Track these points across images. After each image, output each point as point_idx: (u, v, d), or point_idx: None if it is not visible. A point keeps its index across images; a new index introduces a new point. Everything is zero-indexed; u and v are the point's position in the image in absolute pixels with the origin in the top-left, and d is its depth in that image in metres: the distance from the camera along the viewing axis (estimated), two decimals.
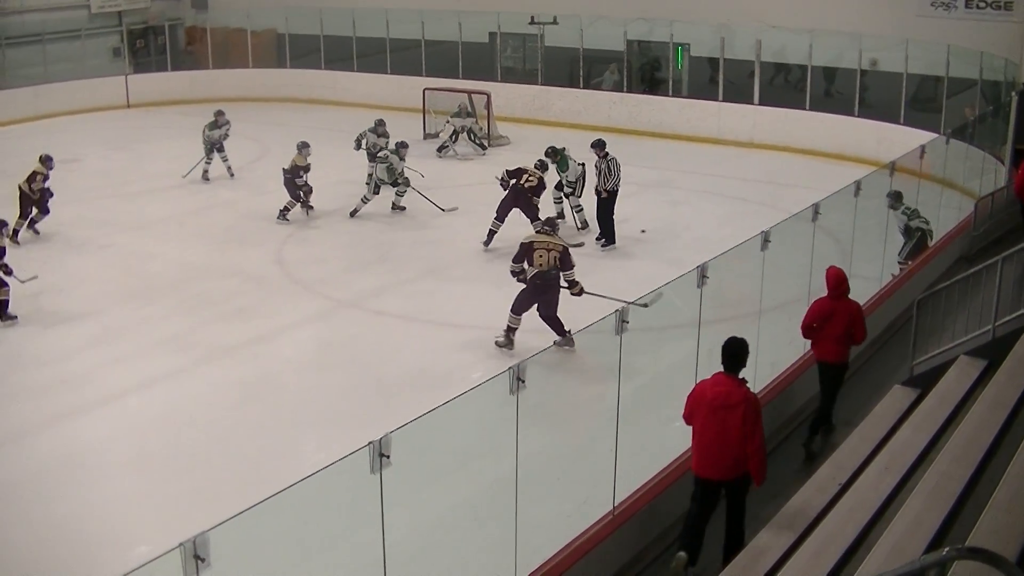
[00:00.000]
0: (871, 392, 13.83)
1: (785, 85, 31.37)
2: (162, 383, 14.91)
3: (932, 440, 11.04)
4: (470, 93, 29.79)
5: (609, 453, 10.41)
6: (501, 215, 20.26)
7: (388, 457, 7.44)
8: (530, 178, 20.34)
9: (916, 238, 18.01)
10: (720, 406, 9.62)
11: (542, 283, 15.41)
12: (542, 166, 20.89)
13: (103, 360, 15.70)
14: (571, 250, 15.85)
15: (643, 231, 21.22)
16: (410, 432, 7.71)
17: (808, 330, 12.62)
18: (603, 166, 20.47)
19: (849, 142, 27.24)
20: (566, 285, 15.49)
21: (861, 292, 15.62)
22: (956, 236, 19.85)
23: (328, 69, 36.40)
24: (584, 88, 32.66)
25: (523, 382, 8.75)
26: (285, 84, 36.50)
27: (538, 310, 15.54)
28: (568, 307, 15.42)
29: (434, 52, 34.83)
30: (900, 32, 27.36)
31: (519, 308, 15.57)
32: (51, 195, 21.45)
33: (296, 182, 22.27)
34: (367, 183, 23.71)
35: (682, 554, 9.80)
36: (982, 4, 27.64)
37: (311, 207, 22.74)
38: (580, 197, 21.63)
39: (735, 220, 20.37)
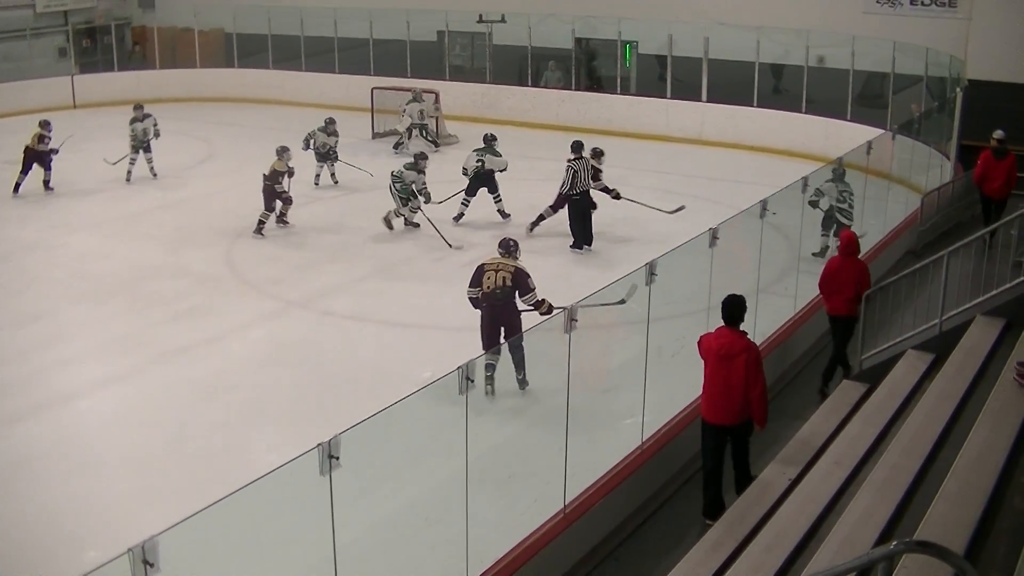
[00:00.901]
0: (818, 386, 13.96)
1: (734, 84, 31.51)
2: (113, 384, 14.80)
3: (881, 433, 11.15)
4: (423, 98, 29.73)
5: (560, 451, 10.43)
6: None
7: (338, 459, 7.42)
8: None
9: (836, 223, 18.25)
10: (724, 356, 10.55)
11: (489, 306, 13.90)
12: (596, 154, 20.93)
13: (54, 361, 15.56)
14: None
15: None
16: (360, 433, 7.69)
17: (822, 287, 14.17)
18: (576, 167, 20.03)
19: (797, 138, 27.39)
20: (530, 308, 13.76)
21: (809, 288, 15.74)
22: (903, 231, 20.01)
23: (276, 69, 36.19)
24: (532, 86, 32.67)
25: (472, 381, 8.76)
26: (233, 84, 36.29)
27: (506, 339, 13.86)
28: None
29: (382, 51, 34.76)
30: (847, 29, 27.51)
31: (486, 343, 13.93)
32: (56, 152, 24.50)
33: (276, 188, 21.14)
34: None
35: (709, 523, 10.59)
36: (927, 1, 27.86)
37: (286, 221, 21.74)
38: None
39: (684, 217, 20.42)
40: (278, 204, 21.40)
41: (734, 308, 10.77)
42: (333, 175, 24.84)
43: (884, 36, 26.95)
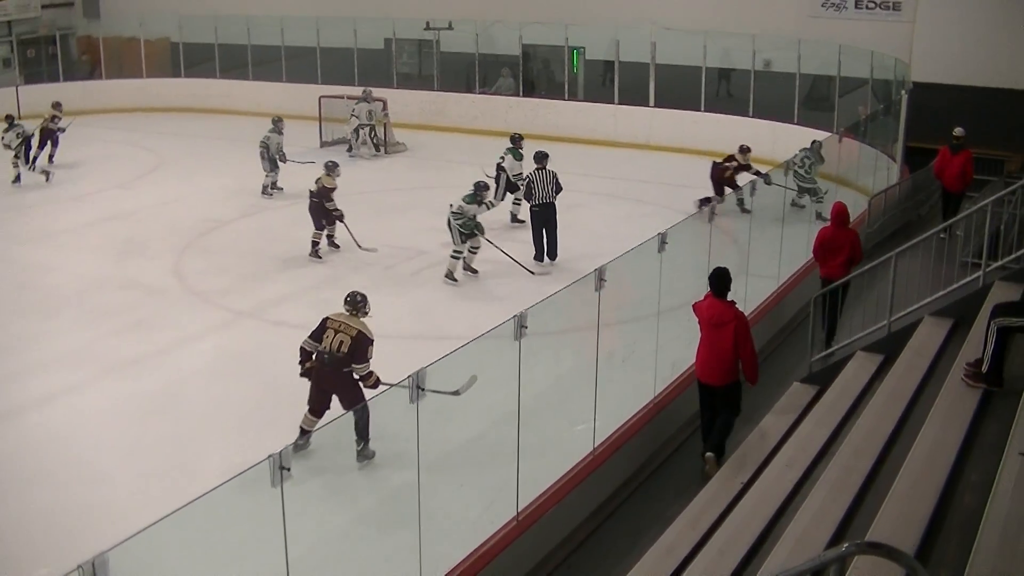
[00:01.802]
0: (772, 389, 14.00)
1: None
2: (62, 398, 14.64)
3: (833, 434, 11.22)
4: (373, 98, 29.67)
5: (512, 458, 10.42)
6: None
7: (289, 470, 7.38)
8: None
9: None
10: (715, 324, 11.68)
11: (320, 366, 12.34)
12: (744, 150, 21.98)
13: (1, 375, 15.41)
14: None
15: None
16: (311, 444, 7.66)
17: (817, 254, 15.53)
18: (538, 177, 19.75)
19: (745, 142, 27.51)
20: (357, 377, 12.09)
21: (758, 291, 15.81)
22: None
23: (223, 78, 36.04)
24: (480, 93, 32.69)
25: (423, 390, 8.74)
26: (180, 93, 36.06)
27: (343, 407, 12.19)
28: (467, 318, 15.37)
29: (329, 59, 34.68)
30: (792, 33, 27.74)
31: (312, 408, 12.44)
32: (63, 131, 26.82)
33: (327, 206, 20.01)
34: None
35: (710, 454, 11.78)
36: (872, 5, 28.14)
37: (336, 244, 20.69)
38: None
39: (632, 222, 20.48)
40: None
41: (721, 279, 11.79)
42: (276, 183, 24.63)
43: (829, 39, 27.17)
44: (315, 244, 20.23)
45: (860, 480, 9.48)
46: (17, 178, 25.62)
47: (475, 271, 19.15)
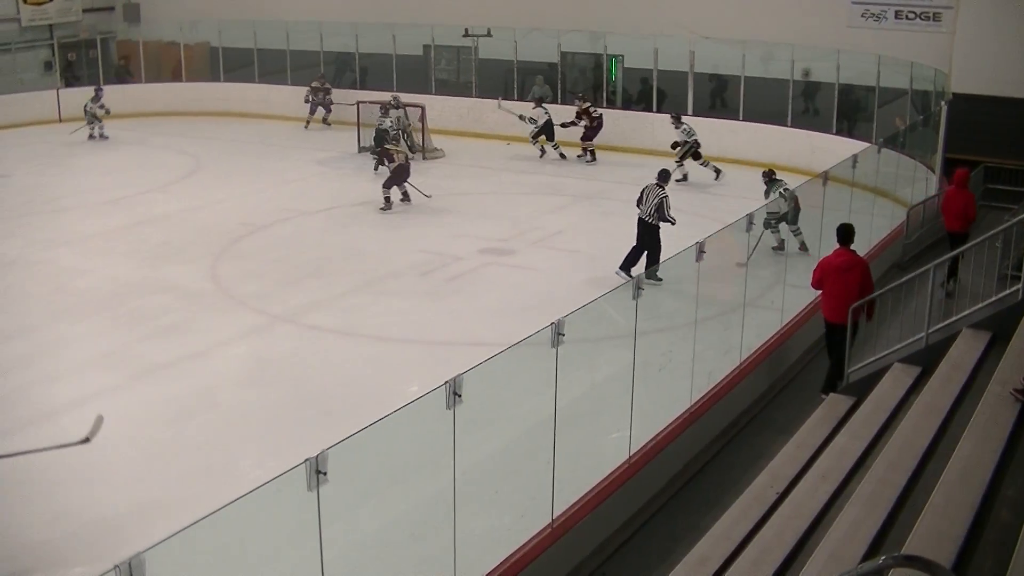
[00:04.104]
0: (807, 400, 13.95)
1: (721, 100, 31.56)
2: (96, 401, 14.64)
3: (868, 447, 11.14)
4: (403, 104, 29.75)
5: (547, 466, 10.41)
6: None
7: (325, 474, 7.39)
8: None
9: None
10: (844, 269, 13.65)
11: None
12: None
13: (35, 379, 15.47)
14: None
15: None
16: (347, 448, 7.66)
17: (943, 208, 18.58)
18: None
19: (782, 152, 27.39)
20: None
21: (795, 302, 15.75)
22: (889, 244, 20.05)
23: (262, 83, 36.20)
24: (519, 100, 32.65)
25: (459, 396, 8.73)
26: (218, 98, 36.21)
27: None
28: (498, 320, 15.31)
29: (368, 65, 34.75)
30: (831, 43, 27.60)
31: None
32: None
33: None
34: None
35: (822, 395, 13.83)
36: (911, 15, 27.95)
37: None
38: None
39: (670, 231, 20.41)
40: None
41: (848, 232, 13.90)
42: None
43: (868, 50, 27.04)
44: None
45: (895, 493, 9.41)
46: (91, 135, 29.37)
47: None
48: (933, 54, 26.46)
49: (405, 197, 23.37)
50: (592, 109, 28.88)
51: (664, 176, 19.65)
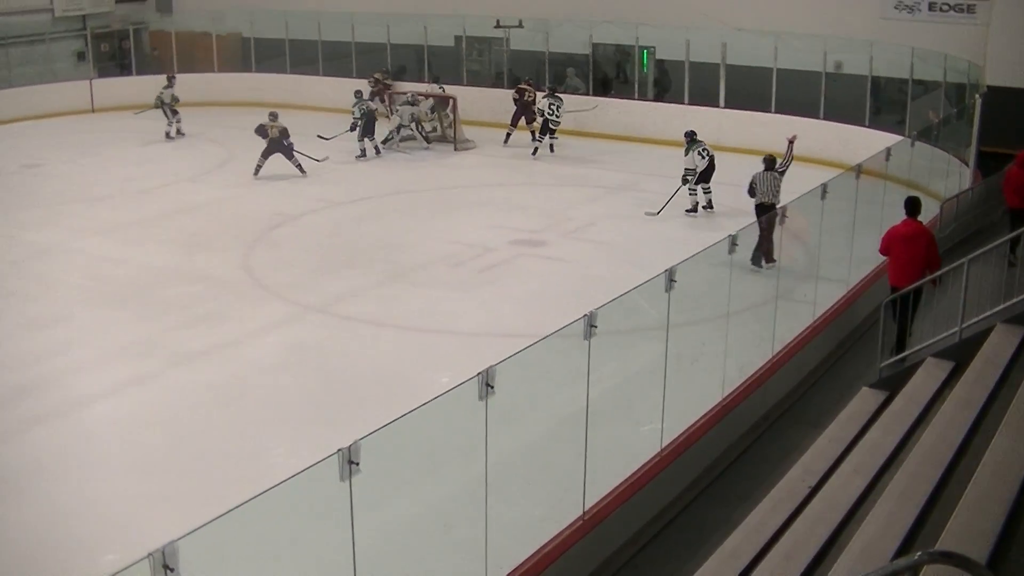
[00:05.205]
0: (839, 394, 13.90)
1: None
2: (129, 388, 14.78)
3: (901, 442, 11.09)
4: (430, 95, 29.80)
5: (579, 458, 10.41)
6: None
7: (357, 464, 7.41)
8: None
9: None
10: (911, 238, 14.41)
11: None
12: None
13: (69, 366, 15.57)
14: None
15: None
16: (379, 438, 7.68)
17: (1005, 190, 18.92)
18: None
19: (814, 145, 27.24)
20: None
21: (828, 295, 15.69)
22: None
23: (294, 73, 36.26)
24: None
25: (492, 387, 8.74)
26: (250, 88, 36.23)
27: None
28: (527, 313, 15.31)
29: (400, 56, 34.77)
30: (864, 35, 27.48)
31: None
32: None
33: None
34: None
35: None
36: (945, 7, 27.82)
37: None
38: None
39: (702, 223, 20.40)
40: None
41: (915, 203, 14.77)
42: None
43: (902, 42, 26.89)
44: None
45: (929, 489, 9.36)
46: (177, 132, 30.67)
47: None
48: (967, 46, 26.32)
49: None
50: (527, 93, 29.61)
51: (770, 162, 19.67)
